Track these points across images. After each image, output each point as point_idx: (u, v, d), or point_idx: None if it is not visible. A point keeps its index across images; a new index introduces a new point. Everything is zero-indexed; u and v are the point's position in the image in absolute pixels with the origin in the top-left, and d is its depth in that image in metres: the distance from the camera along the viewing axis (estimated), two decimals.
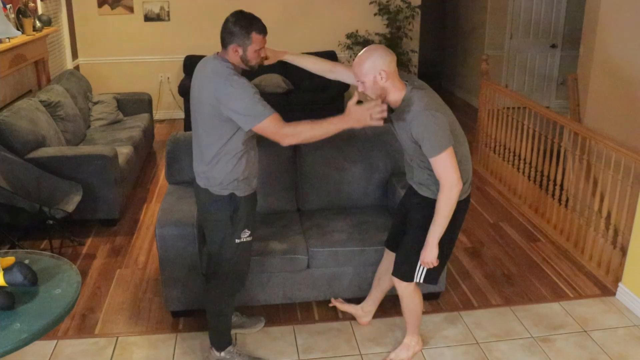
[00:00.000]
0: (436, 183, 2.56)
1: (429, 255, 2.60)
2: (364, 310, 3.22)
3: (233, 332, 3.09)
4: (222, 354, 2.87)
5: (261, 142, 3.59)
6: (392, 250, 2.95)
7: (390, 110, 2.55)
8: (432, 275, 2.73)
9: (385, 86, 2.45)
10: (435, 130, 2.42)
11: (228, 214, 2.61)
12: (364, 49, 2.50)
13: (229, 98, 2.39)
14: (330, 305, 3.26)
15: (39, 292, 2.11)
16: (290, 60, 2.84)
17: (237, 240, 2.66)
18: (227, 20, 2.50)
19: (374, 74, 2.43)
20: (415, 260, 2.69)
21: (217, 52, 2.55)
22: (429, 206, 2.59)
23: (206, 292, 2.85)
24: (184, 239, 3.01)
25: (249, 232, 2.69)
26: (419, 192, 2.70)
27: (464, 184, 2.57)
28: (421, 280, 2.74)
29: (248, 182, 2.63)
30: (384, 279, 3.05)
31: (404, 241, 2.76)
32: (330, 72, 2.83)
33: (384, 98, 2.48)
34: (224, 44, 2.50)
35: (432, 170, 2.53)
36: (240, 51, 2.49)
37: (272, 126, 2.41)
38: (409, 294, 2.82)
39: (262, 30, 2.52)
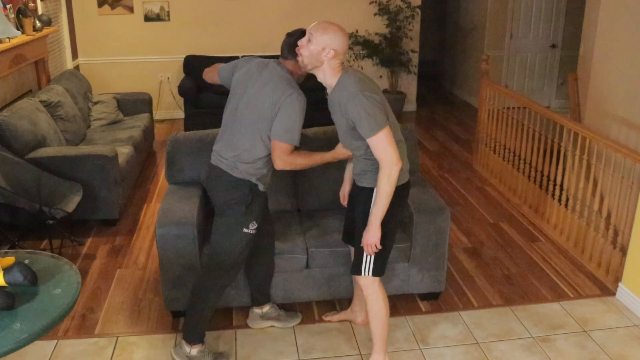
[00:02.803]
0: (374, 170, 2.57)
1: (372, 237, 2.56)
2: (354, 311, 3.22)
3: (267, 324, 3.19)
4: (194, 351, 2.87)
5: None
6: (349, 243, 2.97)
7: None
8: (378, 266, 2.69)
9: (323, 62, 2.48)
10: (371, 111, 2.43)
11: (245, 199, 2.71)
12: (331, 23, 2.50)
13: (281, 107, 2.57)
14: (326, 319, 3.27)
15: (39, 292, 2.10)
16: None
17: (244, 230, 2.74)
18: (288, 34, 2.70)
19: (325, 46, 2.45)
20: (361, 254, 2.68)
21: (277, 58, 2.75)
22: (368, 197, 2.61)
23: (199, 281, 2.86)
24: (184, 239, 3.01)
25: (257, 225, 2.78)
26: (358, 185, 2.71)
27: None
28: (370, 273, 2.69)
29: (265, 181, 2.80)
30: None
31: (354, 238, 2.76)
32: None
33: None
34: (286, 55, 2.68)
35: (369, 158, 2.57)
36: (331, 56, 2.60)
37: (287, 150, 2.62)
38: (373, 292, 2.73)
39: None
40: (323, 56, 2.46)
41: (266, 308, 3.21)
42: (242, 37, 7.36)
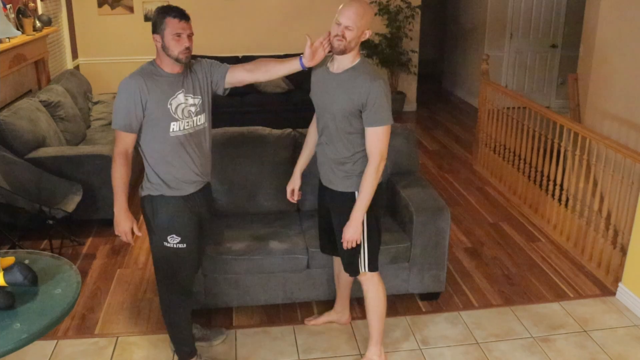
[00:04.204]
0: (359, 174, 2.56)
1: (355, 232, 2.57)
2: (338, 311, 3.21)
3: (198, 344, 2.93)
4: None
5: (261, 142, 3.60)
6: (331, 254, 2.96)
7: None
8: (372, 260, 2.71)
9: (358, 43, 2.47)
10: (388, 102, 2.47)
11: (148, 214, 2.63)
12: (360, 2, 2.45)
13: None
14: (310, 324, 3.24)
15: (39, 292, 2.10)
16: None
17: (165, 244, 2.56)
18: None
19: (365, 30, 2.45)
20: (356, 252, 2.68)
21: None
22: (352, 202, 2.58)
23: (160, 304, 2.79)
24: None
25: (179, 238, 2.55)
26: (337, 190, 2.66)
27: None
28: (367, 269, 2.71)
29: (167, 185, 2.60)
30: (341, 276, 3.03)
31: (342, 242, 2.71)
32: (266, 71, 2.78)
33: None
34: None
35: (355, 161, 2.56)
36: (159, 39, 2.45)
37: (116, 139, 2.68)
38: (374, 285, 2.76)
39: (179, 14, 2.41)
40: (361, 39, 2.46)
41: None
42: (242, 37, 7.35)
